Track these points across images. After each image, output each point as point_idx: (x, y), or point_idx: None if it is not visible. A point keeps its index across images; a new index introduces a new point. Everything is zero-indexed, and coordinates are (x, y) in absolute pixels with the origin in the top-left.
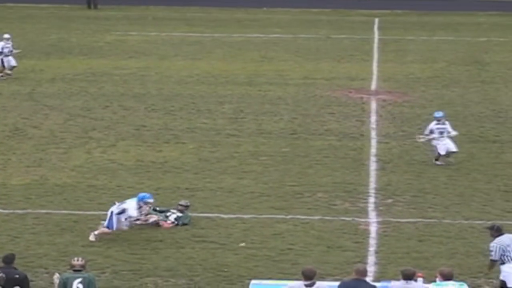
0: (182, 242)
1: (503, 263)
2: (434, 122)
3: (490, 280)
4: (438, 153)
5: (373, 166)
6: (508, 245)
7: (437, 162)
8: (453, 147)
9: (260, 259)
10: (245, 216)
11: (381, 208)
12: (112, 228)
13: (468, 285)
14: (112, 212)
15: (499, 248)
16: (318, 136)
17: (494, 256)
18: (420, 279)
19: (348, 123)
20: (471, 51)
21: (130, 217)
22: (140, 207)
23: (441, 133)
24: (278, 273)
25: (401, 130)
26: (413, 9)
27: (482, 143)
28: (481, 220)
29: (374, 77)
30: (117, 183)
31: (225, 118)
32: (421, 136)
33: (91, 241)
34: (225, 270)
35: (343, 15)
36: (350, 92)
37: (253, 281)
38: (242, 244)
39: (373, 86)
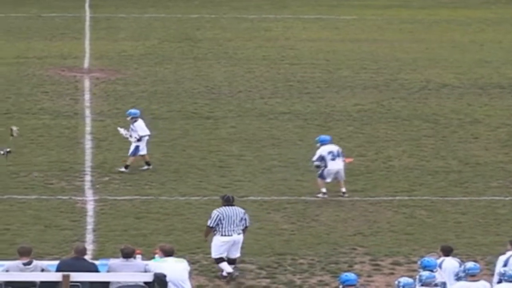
0: None
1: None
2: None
3: (208, 256)
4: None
5: (88, 144)
6: (228, 217)
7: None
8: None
9: None
10: None
11: (97, 186)
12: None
13: (188, 261)
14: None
15: (217, 216)
16: (32, 115)
17: (210, 222)
18: (138, 256)
19: (62, 101)
20: (183, 28)
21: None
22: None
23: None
24: None
25: (115, 108)
26: None
27: (196, 120)
28: (197, 196)
29: (87, 55)
30: None
31: None
32: (121, 129)
33: None
34: None
35: None
36: (63, 70)
37: None
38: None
39: (86, 64)
